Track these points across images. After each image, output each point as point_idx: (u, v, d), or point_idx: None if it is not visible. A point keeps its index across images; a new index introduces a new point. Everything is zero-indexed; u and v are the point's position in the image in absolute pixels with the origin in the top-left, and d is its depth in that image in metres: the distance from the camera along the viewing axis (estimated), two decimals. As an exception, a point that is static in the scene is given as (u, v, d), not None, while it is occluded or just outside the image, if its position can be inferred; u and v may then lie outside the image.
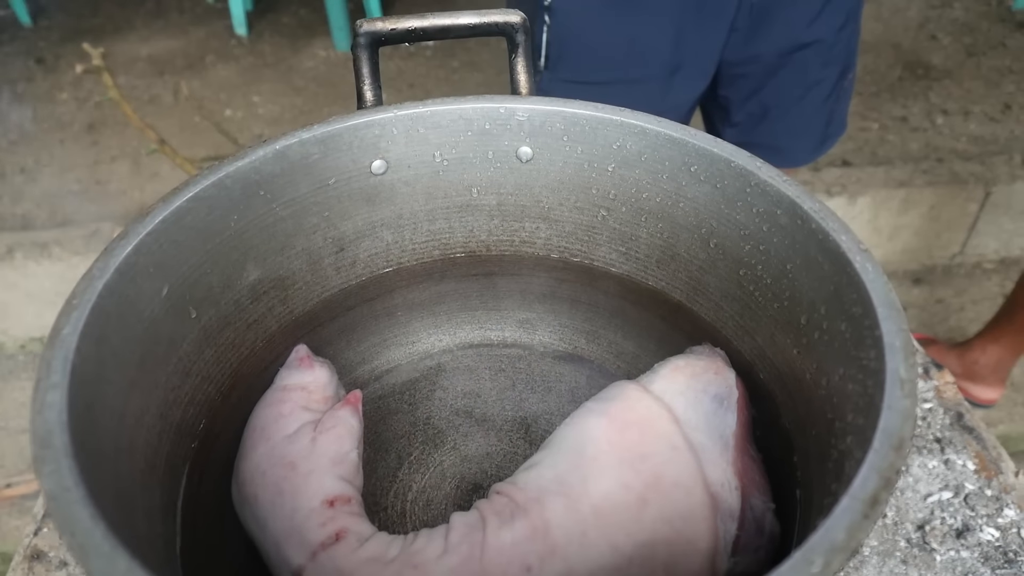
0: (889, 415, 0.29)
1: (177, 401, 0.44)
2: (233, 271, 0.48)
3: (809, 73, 1.02)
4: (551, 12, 0.95)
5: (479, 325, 0.56)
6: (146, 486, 0.39)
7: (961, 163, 1.82)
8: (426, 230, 0.57)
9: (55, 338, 0.34)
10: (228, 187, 0.45)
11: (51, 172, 1.95)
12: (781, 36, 0.97)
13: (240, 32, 2.52)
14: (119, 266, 0.38)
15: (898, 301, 0.34)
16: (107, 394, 0.36)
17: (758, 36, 0.97)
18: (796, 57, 0.99)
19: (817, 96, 1.04)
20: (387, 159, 0.52)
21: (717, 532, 0.40)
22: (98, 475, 0.32)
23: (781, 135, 1.08)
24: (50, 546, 0.56)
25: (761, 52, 0.99)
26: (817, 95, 1.04)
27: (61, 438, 0.30)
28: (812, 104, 1.05)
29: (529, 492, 0.42)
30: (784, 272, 0.44)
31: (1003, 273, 1.89)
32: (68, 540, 0.27)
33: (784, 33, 0.97)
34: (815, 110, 1.06)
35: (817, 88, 1.04)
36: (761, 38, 0.97)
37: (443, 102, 0.51)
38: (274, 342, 0.52)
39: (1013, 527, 0.55)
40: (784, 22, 0.96)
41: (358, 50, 0.51)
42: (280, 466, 0.45)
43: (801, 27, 0.97)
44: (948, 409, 0.64)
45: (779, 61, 1.00)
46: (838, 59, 1.02)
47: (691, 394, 0.45)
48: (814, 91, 1.04)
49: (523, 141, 0.53)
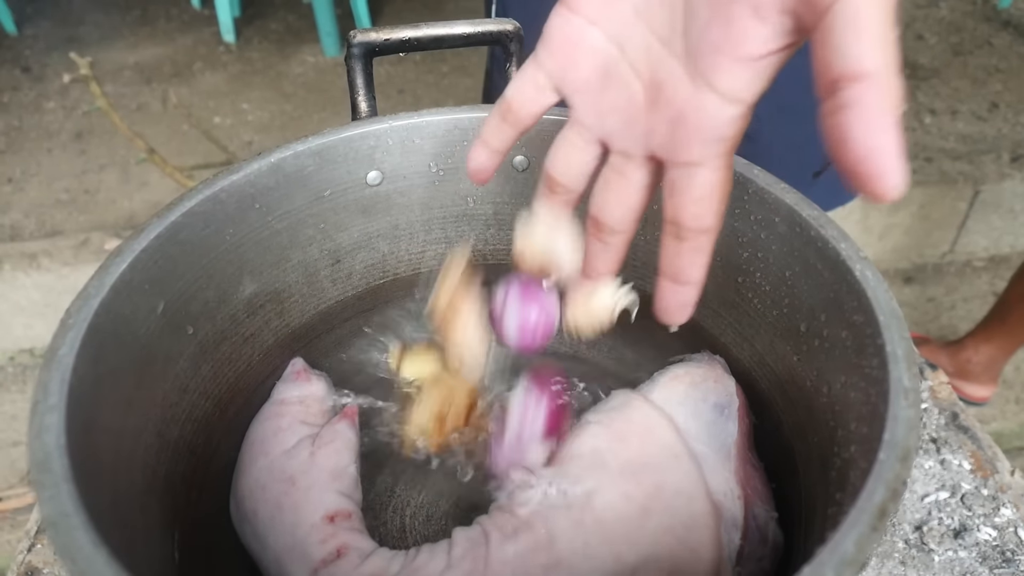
0: (894, 425, 0.29)
1: (175, 418, 0.44)
2: (229, 286, 0.47)
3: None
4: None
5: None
6: (145, 505, 0.39)
7: (950, 162, 1.83)
8: (422, 240, 0.56)
9: (51, 359, 0.33)
10: (223, 201, 0.45)
11: (39, 182, 1.94)
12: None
13: (228, 39, 2.50)
14: (114, 284, 0.38)
15: (899, 309, 0.34)
16: (104, 414, 0.36)
17: None
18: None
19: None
20: (382, 170, 0.52)
21: (720, 541, 0.40)
22: (97, 496, 0.31)
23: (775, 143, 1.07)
24: (44, 562, 0.56)
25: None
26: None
27: (60, 462, 0.29)
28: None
29: (531, 505, 0.42)
30: (783, 279, 0.44)
31: (993, 271, 1.91)
32: (70, 567, 0.26)
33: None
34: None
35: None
36: None
37: (438, 112, 0.51)
38: (271, 356, 0.52)
39: (1010, 526, 0.55)
40: None
41: (352, 60, 0.51)
42: (279, 481, 0.44)
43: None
44: (943, 409, 0.64)
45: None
46: None
47: (691, 403, 0.45)
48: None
49: (518, 150, 0.53)
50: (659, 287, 0.34)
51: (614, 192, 0.35)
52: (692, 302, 0.34)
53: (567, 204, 0.38)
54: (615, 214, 0.35)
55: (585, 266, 0.38)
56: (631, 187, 0.34)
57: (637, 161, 0.34)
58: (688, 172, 0.31)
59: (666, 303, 0.34)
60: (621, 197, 0.35)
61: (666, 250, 0.33)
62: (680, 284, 0.33)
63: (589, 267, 0.38)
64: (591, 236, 0.36)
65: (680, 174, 0.31)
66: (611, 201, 0.35)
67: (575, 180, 0.37)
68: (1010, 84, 2.16)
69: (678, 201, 0.31)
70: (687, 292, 0.34)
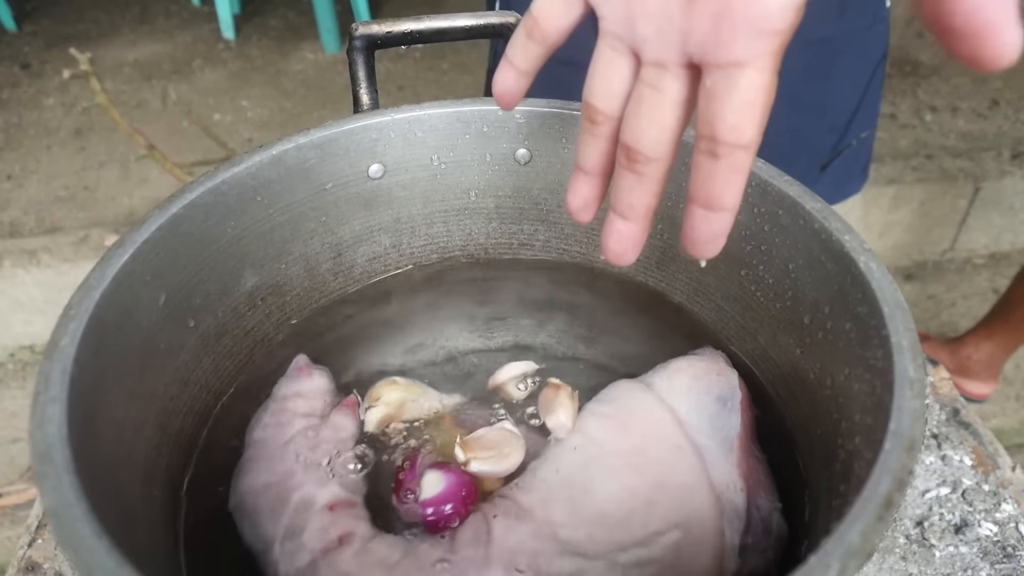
0: (900, 416, 0.29)
1: (176, 411, 0.44)
2: (230, 278, 0.47)
3: (819, 70, 0.98)
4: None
5: (478, 328, 0.56)
6: (146, 497, 0.39)
7: (950, 159, 1.83)
8: (424, 234, 0.56)
9: (53, 350, 0.33)
10: (224, 193, 0.45)
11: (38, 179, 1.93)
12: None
13: (227, 36, 2.50)
14: (116, 275, 0.38)
15: (904, 301, 0.34)
16: (106, 406, 0.36)
17: None
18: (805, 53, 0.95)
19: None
20: (384, 163, 0.52)
21: (723, 533, 0.40)
22: (99, 488, 0.31)
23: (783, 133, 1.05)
24: (44, 557, 0.55)
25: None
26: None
27: (62, 453, 0.29)
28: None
29: (533, 495, 0.42)
30: (786, 272, 0.44)
31: (993, 268, 1.90)
32: (72, 557, 0.26)
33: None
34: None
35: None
36: None
37: (440, 105, 0.51)
38: (272, 349, 0.52)
39: (1011, 521, 0.55)
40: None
41: (354, 53, 0.51)
42: (281, 473, 0.44)
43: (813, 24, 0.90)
44: (944, 405, 0.64)
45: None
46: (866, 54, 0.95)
47: (694, 395, 0.45)
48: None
49: (521, 143, 0.52)
50: (689, 215, 0.31)
51: (647, 110, 0.31)
52: (724, 232, 0.31)
53: (609, 137, 0.34)
54: (650, 136, 0.31)
55: (618, 203, 0.33)
56: (666, 103, 0.31)
57: (672, 71, 0.30)
58: (730, 75, 0.28)
59: (697, 233, 0.31)
60: (656, 116, 0.31)
61: (698, 171, 0.30)
62: (713, 210, 0.30)
63: (623, 204, 0.33)
64: (624, 169, 0.33)
65: (720, 79, 0.28)
66: (644, 121, 0.31)
67: (615, 102, 0.33)
68: (1010, 81, 2.16)
69: (716, 110, 0.28)
70: (720, 220, 0.30)
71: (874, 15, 0.92)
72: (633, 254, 0.35)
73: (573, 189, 0.36)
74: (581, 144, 0.35)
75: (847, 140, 1.02)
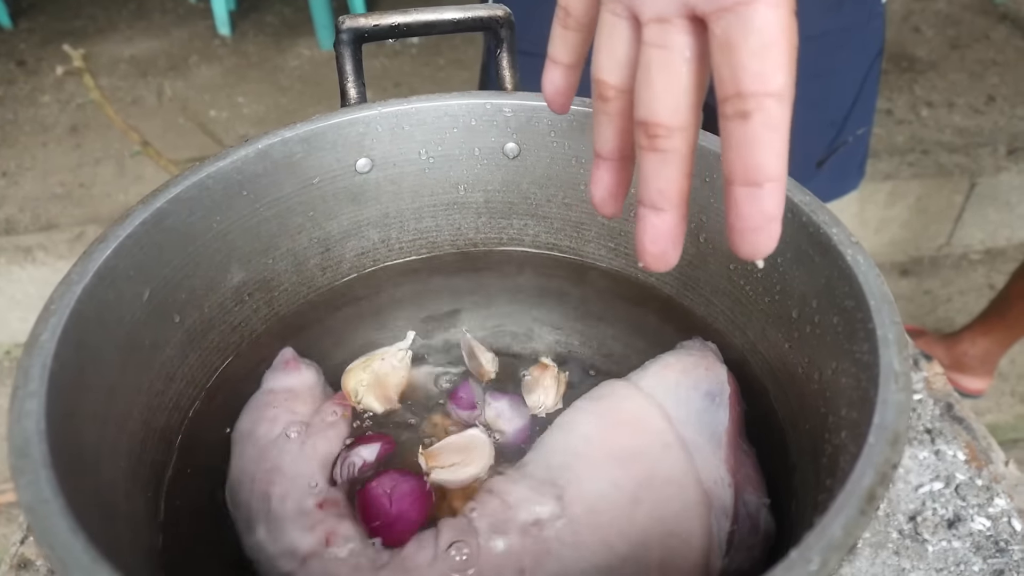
0: (884, 409, 0.29)
1: (161, 406, 0.43)
2: (216, 273, 0.47)
3: (818, 64, 0.94)
4: None
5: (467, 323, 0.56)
6: (129, 494, 0.38)
7: (947, 155, 1.83)
8: (413, 228, 0.56)
9: (33, 345, 0.33)
10: (210, 188, 0.45)
11: (34, 175, 1.93)
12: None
13: (223, 32, 2.49)
14: (98, 270, 0.37)
15: (890, 294, 0.34)
16: (88, 401, 0.36)
17: None
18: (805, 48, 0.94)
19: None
20: (372, 157, 0.51)
21: (711, 529, 0.40)
22: (79, 484, 0.31)
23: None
24: (37, 554, 0.55)
25: None
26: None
27: (39, 448, 0.29)
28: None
29: (521, 492, 0.42)
30: (775, 266, 0.44)
31: (989, 264, 1.90)
32: (47, 553, 0.26)
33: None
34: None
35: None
36: None
37: (428, 99, 0.51)
38: (260, 344, 0.51)
39: (1004, 516, 0.55)
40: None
41: (341, 47, 0.51)
42: (268, 470, 0.44)
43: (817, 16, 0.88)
44: (938, 400, 0.64)
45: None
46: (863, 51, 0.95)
47: (682, 391, 0.45)
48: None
49: (509, 137, 0.52)
50: (731, 202, 0.27)
51: (658, 74, 0.28)
52: (778, 212, 0.26)
53: (623, 113, 0.31)
54: (666, 103, 0.28)
55: (646, 193, 0.30)
56: (676, 60, 0.28)
57: (676, 24, 0.27)
58: (740, 16, 0.25)
59: (745, 220, 0.26)
60: (669, 78, 0.28)
61: (730, 141, 0.26)
62: (758, 184, 0.26)
63: (652, 190, 0.29)
64: (646, 152, 0.29)
65: (732, 23, 0.25)
66: (658, 87, 0.28)
67: (624, 72, 0.30)
68: (1007, 77, 2.15)
69: (735, 60, 0.25)
70: (770, 196, 0.26)
71: (870, 11, 0.92)
72: (674, 253, 0.30)
73: (594, 180, 0.33)
74: (596, 128, 0.32)
75: (843, 137, 1.02)
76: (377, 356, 0.51)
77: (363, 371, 0.50)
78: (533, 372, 0.50)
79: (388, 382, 0.49)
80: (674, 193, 0.29)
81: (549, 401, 0.48)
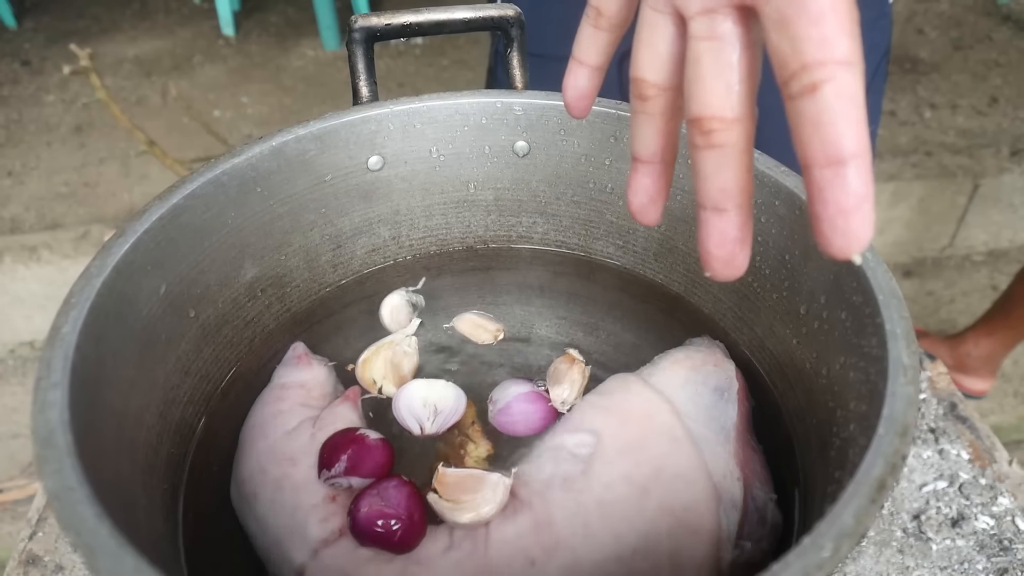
0: (893, 401, 0.29)
1: (176, 400, 0.44)
2: (230, 269, 0.48)
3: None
4: None
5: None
6: (147, 486, 0.39)
7: (950, 156, 1.83)
8: (423, 226, 0.56)
9: (54, 337, 0.33)
10: (224, 184, 0.45)
11: (39, 175, 1.93)
12: None
13: (227, 32, 2.50)
14: (117, 264, 0.38)
15: (898, 289, 0.34)
16: (107, 393, 0.36)
17: None
18: None
19: None
20: (383, 155, 0.52)
21: (720, 522, 0.40)
22: (100, 475, 0.32)
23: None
24: (45, 550, 0.56)
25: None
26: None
27: (64, 437, 0.29)
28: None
29: (531, 486, 0.42)
30: (783, 263, 0.44)
31: (992, 265, 1.91)
32: (73, 539, 0.26)
33: None
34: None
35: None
36: None
37: (439, 97, 0.51)
38: (272, 340, 0.52)
39: (1008, 515, 0.56)
40: None
41: (353, 46, 0.51)
42: (280, 463, 0.44)
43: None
44: (942, 399, 0.64)
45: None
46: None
47: (691, 386, 0.45)
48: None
49: (520, 135, 0.53)
50: (813, 188, 0.24)
51: (709, 65, 0.27)
52: (869, 190, 0.24)
53: (664, 113, 0.30)
54: (719, 93, 0.26)
55: (707, 194, 0.28)
56: (727, 49, 0.26)
57: (724, 12, 0.26)
58: None
59: (832, 205, 0.24)
60: (720, 67, 0.26)
61: (801, 121, 0.24)
62: (841, 162, 0.23)
63: (713, 190, 0.28)
64: (701, 150, 0.27)
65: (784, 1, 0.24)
66: (709, 79, 0.26)
67: (665, 69, 0.29)
68: (1010, 79, 2.16)
69: (793, 33, 0.23)
70: (857, 173, 0.23)
71: (879, 10, 0.93)
72: (743, 257, 0.29)
73: (633, 186, 0.32)
74: (634, 131, 0.31)
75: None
76: (385, 345, 0.51)
77: (377, 359, 0.50)
78: (560, 364, 0.50)
79: (402, 366, 0.50)
80: (737, 191, 0.27)
81: (572, 396, 0.48)
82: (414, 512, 0.41)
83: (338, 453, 0.43)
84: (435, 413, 0.47)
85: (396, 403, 0.48)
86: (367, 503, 0.41)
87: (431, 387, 0.48)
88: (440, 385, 0.48)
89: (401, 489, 0.41)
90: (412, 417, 0.47)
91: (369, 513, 0.40)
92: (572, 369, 0.49)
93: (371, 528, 0.40)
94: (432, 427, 0.47)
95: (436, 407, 0.47)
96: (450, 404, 0.47)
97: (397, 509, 0.40)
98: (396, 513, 0.40)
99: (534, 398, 0.47)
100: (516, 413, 0.47)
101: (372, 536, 0.40)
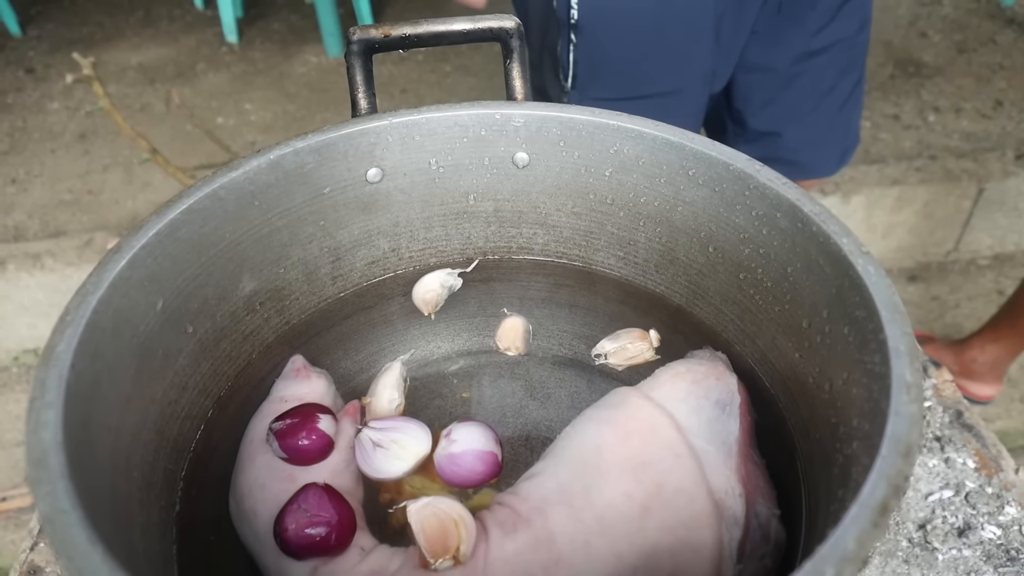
0: (896, 421, 0.29)
1: (174, 415, 0.44)
2: (228, 283, 0.47)
3: (824, 80, 1.00)
4: (578, 30, 0.89)
5: (477, 332, 0.56)
6: (144, 502, 0.39)
7: (954, 160, 1.83)
8: (423, 238, 0.56)
9: (49, 355, 0.33)
10: (222, 198, 0.45)
11: (42, 182, 1.94)
12: (797, 40, 0.95)
13: (231, 39, 2.51)
14: (113, 280, 0.38)
15: (902, 305, 0.34)
16: (103, 411, 0.36)
17: (776, 40, 0.95)
18: (811, 64, 0.97)
19: (832, 104, 1.02)
20: (383, 167, 0.52)
21: (722, 540, 0.40)
22: (95, 493, 0.31)
23: (799, 148, 1.06)
24: (47, 561, 0.56)
25: (777, 58, 0.97)
26: (832, 103, 1.02)
27: (56, 458, 0.29)
28: (828, 113, 1.03)
29: (531, 502, 0.42)
30: (785, 275, 0.44)
31: (997, 269, 1.90)
32: (66, 563, 0.26)
33: (800, 37, 0.95)
34: (831, 119, 1.04)
35: (832, 95, 1.02)
36: (778, 42, 0.95)
37: (438, 109, 0.51)
38: (271, 353, 0.52)
39: (1014, 524, 0.55)
40: (801, 25, 0.93)
41: (351, 58, 0.51)
42: (280, 479, 0.44)
43: (817, 30, 0.94)
44: (947, 407, 0.64)
45: (794, 68, 0.98)
46: (853, 65, 1.01)
47: (693, 400, 0.45)
48: (829, 99, 1.02)
49: (519, 147, 0.52)
50: None
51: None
52: None
53: None
54: None
55: None
56: None
57: None
58: None
59: None
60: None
61: None
62: None
63: None
64: None
65: None
66: None
67: None
68: (1014, 82, 2.15)
69: None
70: None
71: (861, 22, 0.96)
72: None
73: None
74: None
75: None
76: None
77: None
78: (631, 333, 0.53)
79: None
80: None
81: (616, 359, 0.53)
82: (338, 509, 0.42)
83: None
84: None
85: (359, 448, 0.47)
86: (292, 520, 0.41)
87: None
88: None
89: (317, 493, 0.42)
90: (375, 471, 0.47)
91: (298, 528, 0.41)
92: (639, 342, 0.52)
93: (307, 540, 0.40)
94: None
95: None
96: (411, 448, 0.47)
97: (322, 513, 0.41)
98: (324, 518, 0.41)
99: (486, 458, 0.46)
100: (463, 467, 0.46)
101: (310, 546, 0.40)
